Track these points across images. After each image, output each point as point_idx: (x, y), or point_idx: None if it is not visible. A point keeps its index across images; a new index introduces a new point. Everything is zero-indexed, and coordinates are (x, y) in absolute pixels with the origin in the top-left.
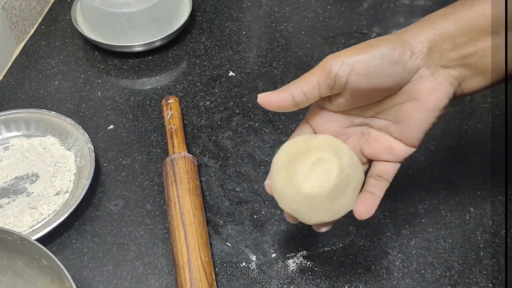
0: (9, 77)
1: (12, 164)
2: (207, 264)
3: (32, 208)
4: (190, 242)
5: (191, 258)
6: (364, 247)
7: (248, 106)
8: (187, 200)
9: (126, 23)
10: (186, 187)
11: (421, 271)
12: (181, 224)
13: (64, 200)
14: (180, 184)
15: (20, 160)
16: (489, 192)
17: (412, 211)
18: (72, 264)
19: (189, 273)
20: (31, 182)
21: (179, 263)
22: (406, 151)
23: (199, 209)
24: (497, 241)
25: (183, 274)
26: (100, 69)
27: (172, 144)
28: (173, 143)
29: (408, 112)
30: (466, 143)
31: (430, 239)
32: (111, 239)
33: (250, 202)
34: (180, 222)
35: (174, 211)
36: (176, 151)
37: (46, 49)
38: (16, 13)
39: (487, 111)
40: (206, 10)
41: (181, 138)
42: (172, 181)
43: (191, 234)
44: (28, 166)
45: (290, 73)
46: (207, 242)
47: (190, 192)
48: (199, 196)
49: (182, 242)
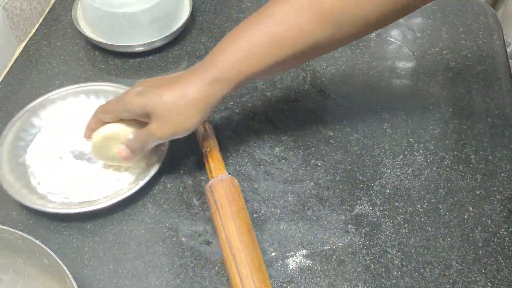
0: (10, 77)
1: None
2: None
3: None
4: (241, 271)
5: (245, 285)
6: (363, 246)
7: (248, 106)
8: (231, 226)
9: (126, 23)
10: (228, 212)
11: (420, 270)
12: (230, 254)
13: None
14: (222, 210)
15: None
16: (488, 191)
17: (411, 210)
18: (72, 263)
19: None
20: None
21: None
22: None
23: (246, 232)
24: (496, 240)
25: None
26: (101, 69)
27: (209, 168)
28: (210, 167)
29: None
30: (465, 142)
31: (429, 238)
32: (111, 238)
33: (250, 201)
34: (229, 251)
35: (222, 241)
36: (214, 175)
37: (47, 49)
38: (17, 13)
39: (485, 111)
40: (206, 10)
41: (216, 159)
42: (214, 209)
43: (241, 263)
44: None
45: (290, 73)
46: (260, 265)
47: (233, 217)
48: (244, 218)
49: (235, 272)
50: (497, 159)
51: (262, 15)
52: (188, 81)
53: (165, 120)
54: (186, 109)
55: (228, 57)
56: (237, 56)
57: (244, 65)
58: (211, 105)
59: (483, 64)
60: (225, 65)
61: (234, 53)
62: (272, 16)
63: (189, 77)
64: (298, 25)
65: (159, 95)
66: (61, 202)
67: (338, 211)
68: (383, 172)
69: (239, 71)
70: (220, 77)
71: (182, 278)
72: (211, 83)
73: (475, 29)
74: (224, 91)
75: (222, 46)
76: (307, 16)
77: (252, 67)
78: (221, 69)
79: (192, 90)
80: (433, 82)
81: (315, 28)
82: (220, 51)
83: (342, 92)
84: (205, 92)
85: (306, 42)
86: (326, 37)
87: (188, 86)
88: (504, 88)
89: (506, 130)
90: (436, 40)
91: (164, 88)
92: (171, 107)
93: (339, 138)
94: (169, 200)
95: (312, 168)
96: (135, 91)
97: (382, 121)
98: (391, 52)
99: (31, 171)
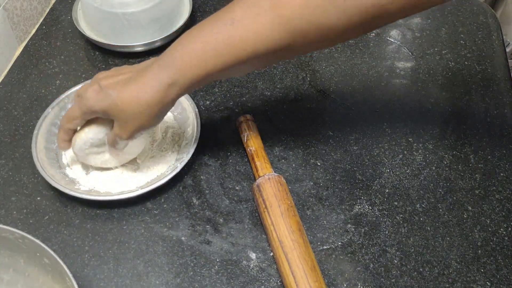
0: (11, 77)
1: None
2: (316, 287)
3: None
4: (295, 271)
5: (300, 285)
6: (362, 245)
7: (248, 105)
8: (281, 225)
9: (126, 23)
10: (277, 211)
11: (419, 269)
12: (283, 253)
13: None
14: (271, 210)
15: None
16: (487, 191)
17: (410, 209)
18: (73, 262)
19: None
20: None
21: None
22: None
23: (297, 231)
24: (495, 240)
25: None
26: (101, 69)
27: (256, 167)
28: (256, 166)
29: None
30: (464, 142)
31: (428, 238)
32: (111, 237)
33: (249, 201)
34: (281, 251)
35: (273, 240)
36: (261, 174)
37: (47, 49)
38: (17, 13)
39: (484, 111)
40: (206, 10)
41: (262, 158)
42: (263, 208)
43: (294, 262)
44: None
45: (289, 73)
46: (313, 264)
47: (283, 216)
48: (293, 216)
49: (288, 272)
50: (496, 159)
51: (221, 16)
52: (143, 83)
53: (124, 122)
54: (140, 111)
55: (184, 58)
56: (193, 58)
57: (200, 67)
58: (165, 108)
59: (482, 64)
60: (181, 67)
61: (189, 54)
62: (231, 19)
63: (144, 78)
64: (255, 29)
65: (114, 98)
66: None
67: (337, 210)
68: (382, 172)
69: (195, 73)
70: (176, 81)
71: (182, 277)
72: (165, 86)
73: (474, 29)
74: (179, 93)
75: (180, 46)
76: (265, 21)
77: (207, 70)
78: (177, 72)
79: (146, 94)
80: (433, 82)
81: (273, 34)
82: (175, 52)
83: (342, 92)
84: (159, 96)
85: (263, 48)
86: (285, 44)
87: (142, 90)
88: (503, 88)
89: (505, 130)
90: (435, 40)
91: (118, 90)
92: (126, 110)
93: (338, 138)
94: (169, 199)
95: (311, 168)
96: (93, 91)
97: (382, 121)
98: (390, 52)
99: (65, 158)
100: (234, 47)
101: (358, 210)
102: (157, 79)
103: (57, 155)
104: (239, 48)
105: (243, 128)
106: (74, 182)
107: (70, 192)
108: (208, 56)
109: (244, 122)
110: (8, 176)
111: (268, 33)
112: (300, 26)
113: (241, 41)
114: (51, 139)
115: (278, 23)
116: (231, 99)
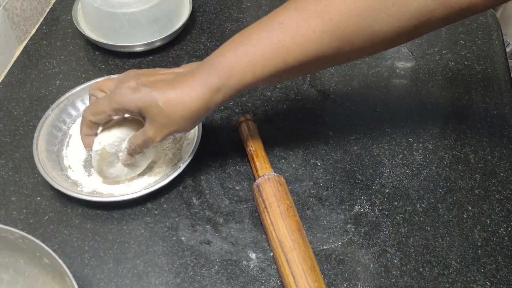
0: (11, 77)
1: None
2: (315, 287)
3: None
4: (294, 270)
5: (299, 285)
6: (362, 245)
7: (248, 105)
8: (281, 226)
9: (126, 23)
10: (277, 211)
11: (419, 269)
12: (282, 253)
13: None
14: (271, 210)
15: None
16: (487, 191)
17: (410, 209)
18: (73, 262)
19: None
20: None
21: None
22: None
23: (296, 231)
24: (495, 240)
25: None
26: (101, 69)
27: (255, 167)
28: (256, 166)
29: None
30: (464, 142)
31: (428, 238)
32: (111, 237)
33: (249, 201)
34: (281, 251)
35: (272, 240)
36: (260, 174)
37: (47, 49)
38: (17, 13)
39: (484, 111)
40: (206, 10)
41: (262, 158)
42: (263, 208)
43: (294, 262)
44: None
45: None
46: (313, 264)
47: (282, 216)
48: (293, 216)
49: (288, 272)
50: (496, 159)
51: (269, 22)
52: (187, 86)
53: (161, 125)
54: (183, 116)
55: (232, 63)
56: (241, 63)
57: (248, 72)
58: (208, 111)
59: (482, 64)
60: (228, 72)
61: (237, 59)
62: (280, 23)
63: (190, 81)
64: (304, 34)
65: (156, 98)
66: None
67: (337, 210)
68: (382, 172)
69: (242, 78)
70: (223, 86)
71: (182, 278)
72: (212, 92)
73: (474, 29)
74: (224, 99)
75: (227, 50)
76: (314, 26)
77: (255, 74)
78: (224, 76)
79: (191, 99)
80: (432, 82)
81: (322, 38)
82: (223, 57)
83: (342, 92)
84: (205, 101)
85: (311, 53)
86: (332, 49)
87: (187, 93)
88: (503, 88)
89: (505, 130)
90: (435, 40)
91: (160, 90)
92: (168, 113)
93: (338, 138)
94: (169, 199)
95: (311, 168)
96: (129, 87)
97: (382, 121)
98: (390, 52)
99: (66, 160)
100: (283, 52)
101: (358, 210)
102: (203, 84)
103: (58, 157)
104: (287, 52)
105: (243, 128)
106: (76, 184)
107: (73, 194)
108: (256, 61)
109: (244, 122)
110: (8, 176)
111: (316, 38)
112: (348, 31)
113: (290, 45)
114: (52, 141)
115: (327, 28)
116: (231, 99)
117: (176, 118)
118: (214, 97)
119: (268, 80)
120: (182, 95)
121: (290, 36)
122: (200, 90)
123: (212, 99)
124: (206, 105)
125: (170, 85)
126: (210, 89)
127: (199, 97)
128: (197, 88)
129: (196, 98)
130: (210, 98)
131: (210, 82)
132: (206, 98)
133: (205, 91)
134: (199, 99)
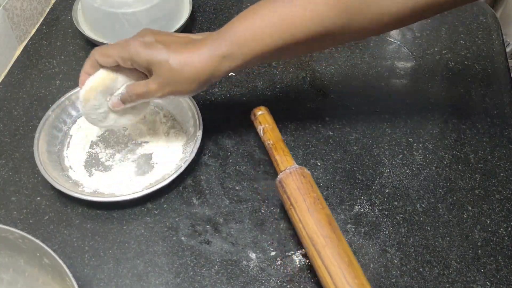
0: (11, 77)
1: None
2: (356, 285)
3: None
4: (330, 268)
5: (338, 285)
6: (362, 245)
7: (248, 105)
8: (310, 221)
9: (126, 23)
10: (303, 206)
11: (419, 269)
12: (315, 251)
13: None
14: (297, 205)
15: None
16: (487, 191)
17: (410, 209)
18: (73, 262)
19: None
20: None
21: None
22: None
23: (327, 225)
24: (495, 240)
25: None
26: None
27: (276, 162)
28: (276, 160)
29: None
30: (464, 142)
31: (428, 238)
32: (111, 237)
33: (249, 201)
34: (313, 249)
35: (303, 238)
36: (282, 168)
37: (47, 49)
38: (17, 13)
39: (484, 111)
40: (206, 10)
41: (281, 151)
42: (289, 205)
43: (328, 259)
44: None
45: (289, 73)
46: (350, 259)
47: (309, 211)
48: (321, 209)
49: (323, 270)
50: (496, 159)
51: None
52: (198, 51)
53: (166, 82)
54: (189, 77)
55: (241, 33)
56: (250, 33)
57: (256, 42)
58: (213, 78)
59: (482, 64)
60: (237, 41)
61: (247, 30)
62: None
63: (200, 46)
64: (312, 8)
65: (167, 56)
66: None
67: (337, 210)
68: (382, 172)
69: (250, 48)
70: (231, 54)
71: (182, 277)
72: (220, 58)
73: (474, 29)
74: (231, 68)
75: (237, 22)
76: (321, 1)
77: (263, 45)
78: (233, 45)
79: (200, 61)
80: (432, 82)
81: (329, 13)
82: (233, 26)
83: (342, 92)
84: (212, 66)
85: (318, 27)
86: (339, 25)
87: (197, 56)
88: (503, 87)
89: (505, 130)
90: (435, 40)
91: (173, 50)
92: (175, 72)
93: (338, 138)
94: (169, 199)
95: (311, 168)
96: (143, 42)
97: (382, 121)
98: (390, 52)
99: (67, 160)
100: (291, 25)
101: (358, 210)
102: (212, 50)
103: (59, 157)
104: (296, 25)
105: (258, 122)
106: (77, 184)
107: (75, 195)
108: (265, 32)
109: (259, 114)
110: (8, 176)
111: (324, 12)
112: (355, 6)
113: (298, 19)
114: (52, 142)
115: (334, 2)
116: (231, 99)
117: (182, 79)
118: (221, 64)
119: (274, 55)
120: (192, 58)
121: (298, 9)
122: (208, 55)
123: (219, 66)
124: (213, 70)
125: (183, 47)
126: (218, 56)
127: (207, 62)
128: (206, 53)
129: (204, 62)
130: (217, 64)
131: (219, 49)
132: (214, 64)
133: (213, 57)
134: (206, 63)
